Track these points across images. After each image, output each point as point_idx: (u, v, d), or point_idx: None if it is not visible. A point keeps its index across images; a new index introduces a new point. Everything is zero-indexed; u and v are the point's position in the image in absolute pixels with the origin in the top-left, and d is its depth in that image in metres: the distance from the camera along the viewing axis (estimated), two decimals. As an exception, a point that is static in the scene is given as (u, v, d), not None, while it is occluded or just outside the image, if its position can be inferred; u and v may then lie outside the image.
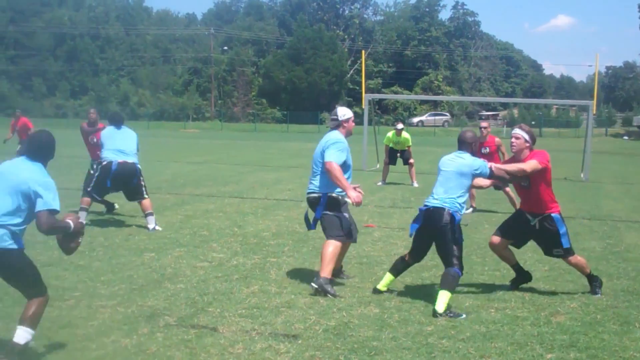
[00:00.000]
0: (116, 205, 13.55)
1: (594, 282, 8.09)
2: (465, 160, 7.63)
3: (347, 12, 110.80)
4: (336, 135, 8.07)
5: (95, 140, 13.46)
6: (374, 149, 26.47)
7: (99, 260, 9.14)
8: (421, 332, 6.55)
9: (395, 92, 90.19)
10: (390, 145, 19.98)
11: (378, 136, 27.48)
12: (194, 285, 7.94)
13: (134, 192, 12.02)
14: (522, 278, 8.24)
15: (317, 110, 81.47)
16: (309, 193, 8.17)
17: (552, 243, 7.97)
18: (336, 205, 7.99)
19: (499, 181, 8.12)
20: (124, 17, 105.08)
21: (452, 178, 7.56)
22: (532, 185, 7.88)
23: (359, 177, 20.56)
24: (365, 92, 28.95)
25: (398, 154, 19.95)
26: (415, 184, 19.45)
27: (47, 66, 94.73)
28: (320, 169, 8.01)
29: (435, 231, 7.44)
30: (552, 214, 7.90)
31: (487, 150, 14.44)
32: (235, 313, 6.93)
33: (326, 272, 7.74)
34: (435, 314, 6.96)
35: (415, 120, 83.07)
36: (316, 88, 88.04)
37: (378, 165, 24.14)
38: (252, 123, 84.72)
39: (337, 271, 8.40)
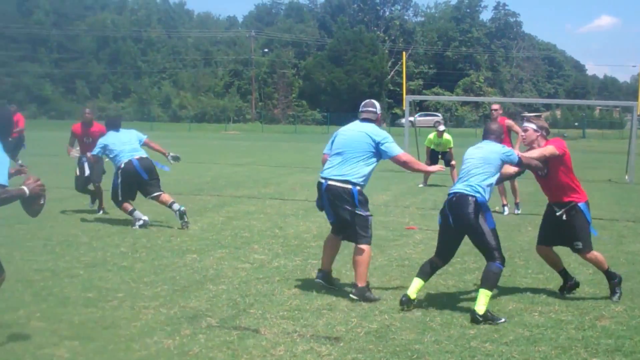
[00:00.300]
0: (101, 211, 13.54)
1: (613, 280, 7.90)
2: (492, 147, 7.54)
3: (387, 13, 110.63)
4: (379, 129, 7.97)
5: (90, 140, 13.50)
6: (415, 150, 26.33)
7: (142, 261, 9.20)
8: (464, 335, 6.50)
9: (436, 94, 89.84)
10: (432, 146, 19.89)
11: (419, 137, 27.34)
12: (235, 287, 7.96)
13: (152, 185, 12.25)
14: (568, 285, 8.12)
15: (357, 111, 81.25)
16: (332, 179, 7.69)
17: (574, 235, 7.78)
18: (367, 202, 7.77)
19: (521, 169, 7.97)
20: (165, 20, 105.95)
21: (478, 165, 7.41)
22: (550, 173, 7.75)
23: (400, 179, 20.50)
24: (406, 94, 28.83)
25: (439, 156, 19.84)
26: (457, 186, 19.30)
27: (90, 69, 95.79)
28: (359, 156, 7.69)
29: (463, 221, 7.24)
30: (578, 204, 7.75)
31: None
32: (276, 315, 6.93)
33: (363, 279, 7.59)
34: (474, 314, 6.85)
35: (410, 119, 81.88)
36: (356, 89, 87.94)
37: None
38: (292, 125, 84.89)
39: (328, 276, 8.17)
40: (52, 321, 6.56)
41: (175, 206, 11.97)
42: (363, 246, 7.63)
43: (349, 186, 7.61)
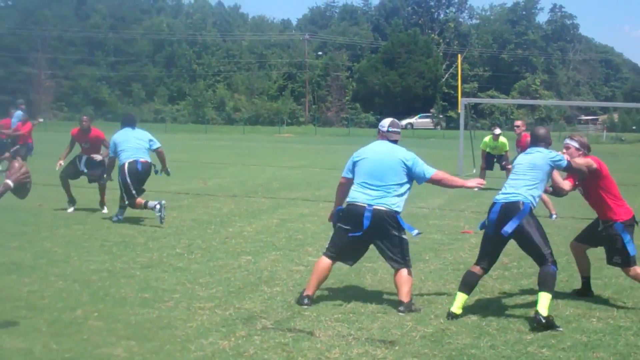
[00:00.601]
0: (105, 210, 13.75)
1: None
2: (541, 153, 7.43)
3: (442, 16, 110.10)
4: (406, 150, 7.70)
5: (88, 145, 13.96)
6: (470, 153, 26.13)
7: (197, 262, 9.27)
8: (520, 340, 6.41)
9: (492, 96, 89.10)
10: (487, 150, 19.73)
11: (474, 141, 27.11)
12: (290, 289, 7.96)
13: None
14: (584, 291, 8.11)
15: (411, 114, 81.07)
16: (374, 205, 7.41)
17: (613, 250, 7.76)
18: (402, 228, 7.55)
19: (575, 175, 7.86)
20: (220, 23, 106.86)
21: (526, 170, 7.33)
22: (588, 193, 7.81)
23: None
24: (461, 97, 28.61)
25: (495, 159, 19.66)
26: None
27: (146, 72, 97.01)
28: (398, 183, 7.51)
29: (512, 228, 7.10)
30: (615, 223, 7.69)
31: (520, 149, 14.75)
32: (331, 317, 6.91)
33: (408, 296, 7.33)
34: (537, 316, 6.70)
35: (404, 122, 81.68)
36: (410, 92, 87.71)
37: (474, 171, 23.79)
38: (345, 127, 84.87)
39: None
40: (109, 321, 6.63)
41: (151, 203, 12.29)
42: (406, 269, 7.43)
43: (393, 213, 7.46)
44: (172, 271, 8.72)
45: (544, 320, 6.66)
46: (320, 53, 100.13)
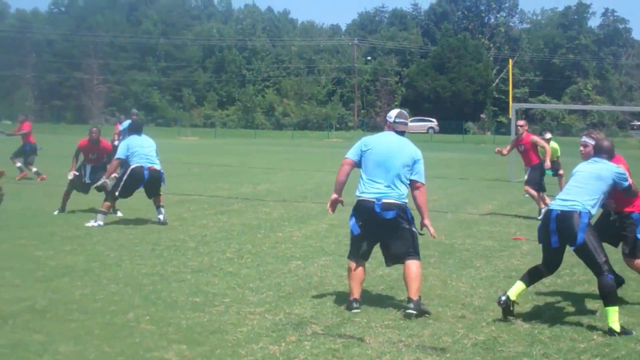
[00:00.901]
0: (119, 213, 13.70)
1: None
2: (606, 165, 7.31)
3: (492, 20, 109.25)
4: (415, 147, 7.67)
5: (95, 156, 14.19)
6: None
7: (247, 267, 9.29)
8: (573, 349, 6.31)
9: (543, 102, 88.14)
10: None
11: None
12: (340, 295, 7.94)
13: (155, 192, 13.07)
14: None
15: (461, 119, 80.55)
16: (383, 198, 7.41)
17: (624, 239, 7.90)
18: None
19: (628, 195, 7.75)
20: (270, 28, 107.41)
21: (588, 180, 7.21)
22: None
23: (506, 189, 20.14)
24: (512, 102, 28.34)
25: (545, 165, 19.42)
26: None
27: (196, 77, 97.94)
28: (404, 175, 7.50)
29: (567, 238, 7.03)
30: (633, 213, 7.79)
31: (522, 147, 15.42)
32: (381, 324, 6.88)
33: (417, 293, 7.23)
34: (612, 334, 6.65)
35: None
36: (460, 97, 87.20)
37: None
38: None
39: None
40: (160, 324, 6.68)
41: (160, 215, 12.79)
42: (416, 260, 7.40)
43: (402, 204, 7.44)
44: (222, 275, 8.75)
45: (618, 335, 6.63)
46: (369, 58, 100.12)
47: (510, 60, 33.14)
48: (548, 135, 19.40)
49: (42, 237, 11.01)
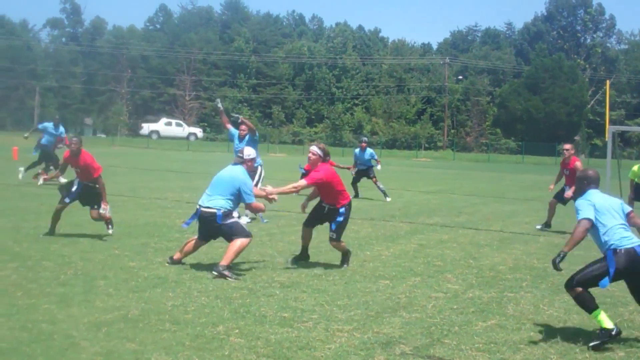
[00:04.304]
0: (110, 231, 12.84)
1: None
2: None
3: (588, 40, 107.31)
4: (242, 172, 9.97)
5: (79, 170, 12.69)
6: (617, 183, 25.18)
7: (335, 284, 9.27)
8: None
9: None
10: (636, 180, 18.99)
11: (621, 170, 26.11)
12: (429, 315, 7.85)
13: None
14: None
15: (554, 141, 79.09)
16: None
17: None
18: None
19: None
20: (360, 47, 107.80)
21: None
22: None
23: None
24: (609, 124, 27.63)
25: (644, 189, 18.92)
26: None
27: (286, 95, 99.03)
28: (229, 191, 9.78)
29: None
30: None
31: (568, 172, 16.15)
32: (472, 347, 6.76)
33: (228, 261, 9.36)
34: None
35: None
36: (554, 118, 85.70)
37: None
38: (485, 153, 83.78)
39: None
40: (249, 338, 6.71)
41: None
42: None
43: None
44: (310, 292, 8.75)
45: None
46: (460, 77, 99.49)
47: (608, 82, 32.33)
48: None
49: (135, 249, 11.24)
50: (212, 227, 9.85)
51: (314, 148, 10.58)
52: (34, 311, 7.33)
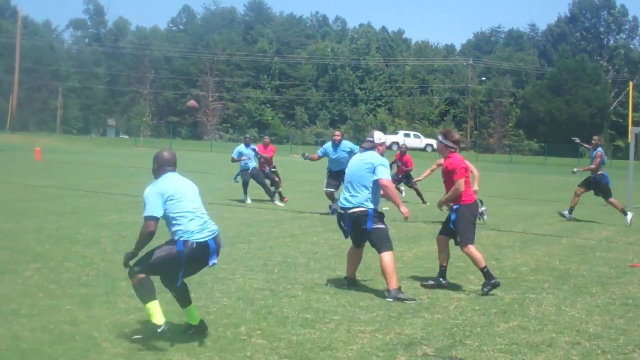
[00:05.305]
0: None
1: None
2: None
3: (612, 42, 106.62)
4: (378, 155, 9.10)
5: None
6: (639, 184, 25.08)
7: (357, 285, 9.28)
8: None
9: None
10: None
11: (644, 171, 25.98)
12: (451, 317, 7.85)
13: None
14: None
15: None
16: (350, 209, 8.86)
17: None
18: (382, 218, 8.94)
19: None
20: (383, 48, 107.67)
21: None
22: None
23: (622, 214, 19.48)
24: (631, 125, 27.50)
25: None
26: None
27: (309, 96, 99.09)
28: (364, 185, 8.86)
29: None
30: None
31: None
32: (494, 348, 6.75)
33: (393, 283, 8.61)
34: None
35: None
36: (576, 120, 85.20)
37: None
38: (507, 154, 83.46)
39: (353, 280, 9.29)
40: (271, 339, 6.73)
41: None
42: (387, 252, 8.79)
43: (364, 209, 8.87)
44: (332, 293, 8.77)
45: None
46: (483, 78, 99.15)
47: (631, 83, 32.16)
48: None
49: (158, 249, 11.29)
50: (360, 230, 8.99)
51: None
52: (56, 312, 7.39)
